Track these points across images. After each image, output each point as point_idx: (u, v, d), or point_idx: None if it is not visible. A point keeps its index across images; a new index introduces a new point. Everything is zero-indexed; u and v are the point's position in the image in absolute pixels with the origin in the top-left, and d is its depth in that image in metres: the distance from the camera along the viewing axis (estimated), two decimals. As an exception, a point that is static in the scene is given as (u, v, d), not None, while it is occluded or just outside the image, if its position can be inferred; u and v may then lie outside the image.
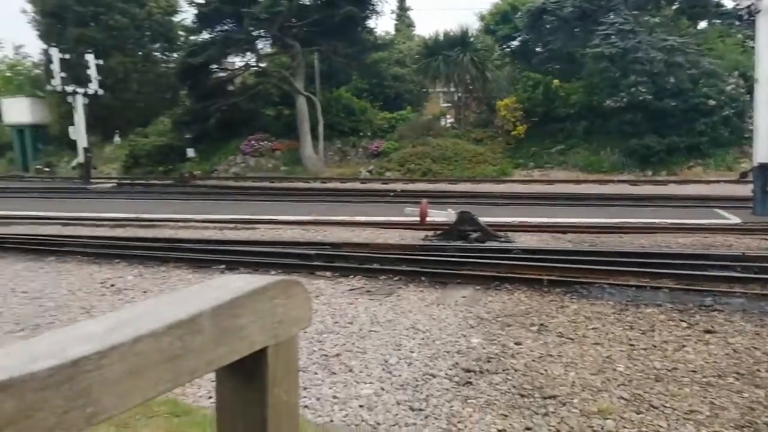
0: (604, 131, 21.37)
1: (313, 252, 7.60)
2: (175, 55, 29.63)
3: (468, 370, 4.02)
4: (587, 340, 4.60)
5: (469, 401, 3.57)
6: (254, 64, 26.02)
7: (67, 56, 23.63)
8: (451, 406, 3.50)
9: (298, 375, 0.99)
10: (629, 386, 3.74)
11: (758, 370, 3.95)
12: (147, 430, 3.09)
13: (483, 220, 8.72)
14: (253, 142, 24.19)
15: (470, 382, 3.83)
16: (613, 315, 5.21)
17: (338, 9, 22.10)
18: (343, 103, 25.03)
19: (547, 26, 23.81)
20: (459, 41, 23.70)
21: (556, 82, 22.67)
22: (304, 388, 3.72)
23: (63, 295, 6.33)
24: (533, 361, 4.18)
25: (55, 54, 23.31)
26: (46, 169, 28.39)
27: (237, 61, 26.53)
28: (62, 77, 23.12)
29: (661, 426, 3.23)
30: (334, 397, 3.67)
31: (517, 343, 4.53)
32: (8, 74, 39.41)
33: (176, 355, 0.74)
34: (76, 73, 23.75)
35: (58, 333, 0.71)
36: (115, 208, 13.62)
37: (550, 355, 4.28)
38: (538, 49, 25.54)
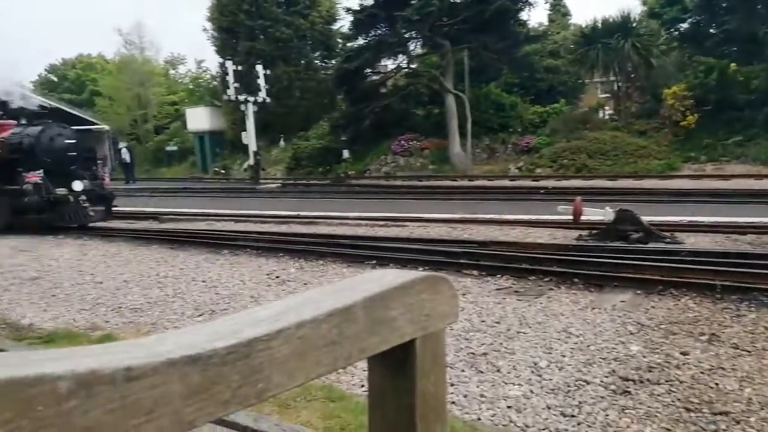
0: (792, 119, 18.80)
1: (459, 250, 7.60)
2: (333, 61, 31.25)
3: (626, 379, 3.78)
4: (768, 354, 4.10)
5: (626, 411, 3.36)
6: (405, 65, 26.60)
7: (239, 68, 26.11)
8: (607, 415, 3.32)
9: (445, 368, 1.02)
10: (822, 409, 3.28)
11: None
12: (306, 411, 3.33)
13: (646, 219, 8.10)
14: (403, 141, 24.76)
15: (628, 392, 3.61)
16: (803, 328, 4.59)
17: (490, 4, 21.82)
18: (492, 99, 24.67)
19: (723, 5, 21.50)
20: (619, 27, 22.22)
21: (733, 66, 20.34)
22: (452, 385, 3.75)
23: (235, 284, 6.99)
24: (702, 373, 3.82)
25: (230, 66, 25.89)
26: (222, 171, 31.44)
27: (389, 63, 27.33)
28: (236, 87, 25.61)
29: None
30: (482, 395, 3.66)
31: (683, 353, 4.17)
32: (191, 86, 44.49)
33: (334, 341, 0.80)
34: (247, 83, 26.15)
35: (233, 317, 0.79)
36: (280, 207, 14.77)
37: (722, 368, 3.88)
38: (711, 31, 23.17)
